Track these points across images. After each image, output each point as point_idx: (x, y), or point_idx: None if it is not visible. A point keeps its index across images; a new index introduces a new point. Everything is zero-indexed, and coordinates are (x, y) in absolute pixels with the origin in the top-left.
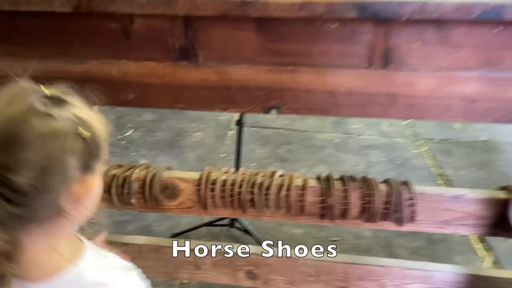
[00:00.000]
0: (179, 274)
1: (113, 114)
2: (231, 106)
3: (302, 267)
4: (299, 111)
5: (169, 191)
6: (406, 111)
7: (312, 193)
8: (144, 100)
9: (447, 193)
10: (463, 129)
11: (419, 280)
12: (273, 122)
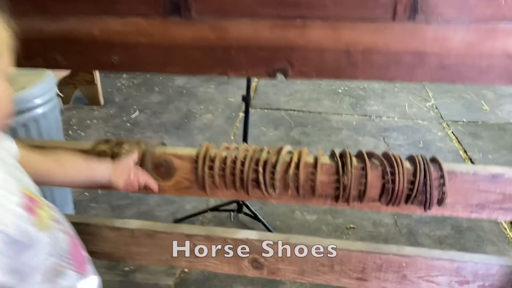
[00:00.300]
0: (177, 262)
1: (118, 96)
2: (230, 69)
3: (313, 255)
4: (309, 75)
5: (163, 170)
6: (436, 73)
7: (325, 172)
8: (130, 63)
9: (482, 172)
10: (492, 111)
11: (447, 272)
12: (286, 103)
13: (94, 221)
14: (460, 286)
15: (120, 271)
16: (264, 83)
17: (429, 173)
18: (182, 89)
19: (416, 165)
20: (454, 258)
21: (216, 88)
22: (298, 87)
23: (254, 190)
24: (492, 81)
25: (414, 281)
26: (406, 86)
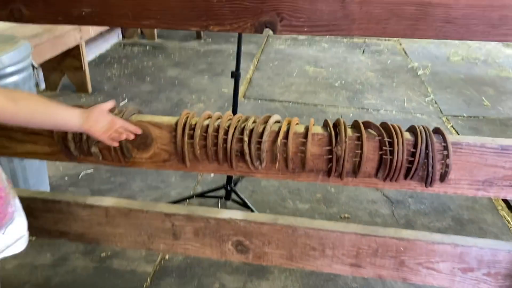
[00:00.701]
0: (155, 244)
1: (107, 85)
2: (212, 22)
3: (303, 238)
4: (301, 30)
5: (139, 140)
6: (441, 27)
7: (317, 142)
8: (101, 16)
9: (490, 144)
10: (493, 106)
11: (449, 258)
12: (281, 95)
13: (64, 198)
14: (463, 273)
15: (96, 256)
16: (258, 75)
17: (432, 144)
18: (174, 80)
19: (417, 136)
20: (457, 242)
21: (209, 78)
22: (293, 79)
23: (239, 163)
24: (505, 37)
25: (413, 268)
26: (405, 81)
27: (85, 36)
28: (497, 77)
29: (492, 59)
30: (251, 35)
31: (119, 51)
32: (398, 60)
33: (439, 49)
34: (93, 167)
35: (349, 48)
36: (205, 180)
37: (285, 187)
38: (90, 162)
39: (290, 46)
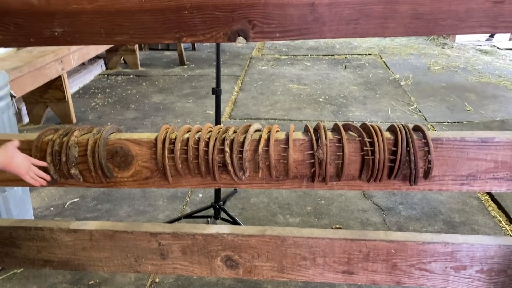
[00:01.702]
0: (142, 266)
1: (92, 115)
2: (184, 34)
3: (292, 248)
4: (273, 36)
5: (119, 158)
6: (410, 23)
7: (298, 148)
8: (74, 34)
9: (470, 137)
10: (476, 111)
11: (441, 257)
12: (266, 113)
13: (47, 224)
14: (456, 272)
15: (84, 285)
16: (243, 96)
17: (412, 141)
18: (159, 105)
19: (397, 134)
20: (448, 240)
21: (194, 102)
22: (278, 98)
23: (222, 175)
24: (473, 29)
25: (406, 270)
26: (388, 92)
27: (66, 67)
28: (477, 83)
29: (471, 67)
30: (234, 58)
31: (103, 82)
32: (380, 73)
33: (420, 60)
34: (79, 196)
35: (331, 64)
36: (193, 200)
37: (275, 203)
38: (71, 185)
39: (273, 67)
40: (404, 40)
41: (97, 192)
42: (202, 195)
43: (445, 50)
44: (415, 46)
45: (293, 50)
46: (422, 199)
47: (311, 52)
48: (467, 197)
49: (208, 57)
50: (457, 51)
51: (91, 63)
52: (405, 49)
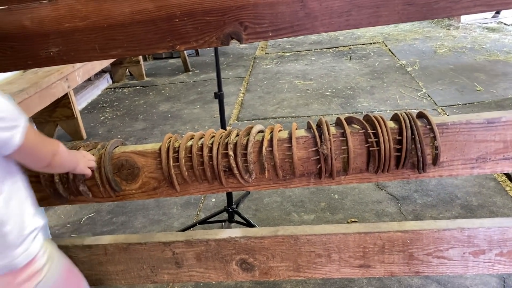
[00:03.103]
0: (159, 276)
1: (101, 129)
2: (178, 42)
3: (306, 246)
4: (265, 35)
5: (126, 171)
6: (403, 10)
7: (302, 146)
8: (70, 53)
9: (476, 120)
10: (487, 91)
11: (458, 244)
12: (274, 112)
13: (62, 242)
14: (475, 257)
15: None
16: (249, 96)
17: (417, 129)
18: (167, 114)
19: (401, 123)
20: (463, 226)
21: (201, 107)
22: (285, 95)
23: (229, 179)
24: (468, 10)
25: (423, 260)
26: (395, 79)
27: (72, 85)
28: (486, 61)
29: (479, 46)
30: (238, 59)
31: (110, 95)
32: (386, 60)
33: (425, 44)
34: (94, 211)
35: (335, 57)
36: (207, 206)
37: (288, 201)
38: (81, 202)
39: (277, 64)
40: (408, 25)
41: (111, 205)
42: (215, 200)
43: (450, 32)
44: (420, 30)
45: (297, 46)
46: (437, 185)
47: (314, 46)
48: (484, 179)
49: (212, 61)
50: (463, 31)
51: (97, 78)
52: (409, 34)
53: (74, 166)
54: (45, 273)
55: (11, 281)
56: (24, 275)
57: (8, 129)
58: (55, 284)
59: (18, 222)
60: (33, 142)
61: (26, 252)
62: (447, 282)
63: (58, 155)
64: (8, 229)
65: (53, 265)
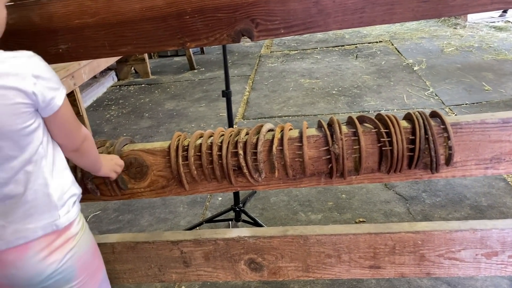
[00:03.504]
0: (166, 275)
1: (107, 127)
2: (188, 39)
3: (316, 246)
4: (277, 32)
5: (134, 169)
6: (418, 7)
7: (313, 145)
8: (79, 49)
9: (491, 119)
10: (495, 90)
11: (470, 245)
12: (279, 111)
13: None
14: (487, 259)
15: None
16: (255, 95)
17: (430, 128)
18: (173, 112)
19: (414, 122)
20: (476, 227)
21: (206, 106)
22: (290, 94)
23: (238, 178)
24: (484, 7)
25: (435, 261)
26: (402, 78)
27: (78, 82)
28: (494, 61)
29: (486, 45)
30: (243, 58)
31: (116, 93)
32: (392, 59)
33: (432, 43)
34: (100, 209)
35: (341, 55)
36: (213, 204)
37: (295, 200)
38: (89, 200)
39: (283, 63)
40: (415, 24)
41: (117, 203)
42: (222, 198)
43: (457, 31)
44: (426, 29)
45: (302, 44)
46: (445, 185)
47: (320, 45)
48: (493, 180)
49: (218, 59)
50: (470, 30)
51: (102, 76)
52: (416, 33)
53: (98, 167)
54: (77, 240)
55: (52, 242)
56: (63, 237)
57: (52, 89)
58: (83, 255)
59: (61, 185)
60: (69, 113)
61: (67, 215)
62: (457, 283)
63: (88, 141)
64: (52, 190)
65: (84, 236)
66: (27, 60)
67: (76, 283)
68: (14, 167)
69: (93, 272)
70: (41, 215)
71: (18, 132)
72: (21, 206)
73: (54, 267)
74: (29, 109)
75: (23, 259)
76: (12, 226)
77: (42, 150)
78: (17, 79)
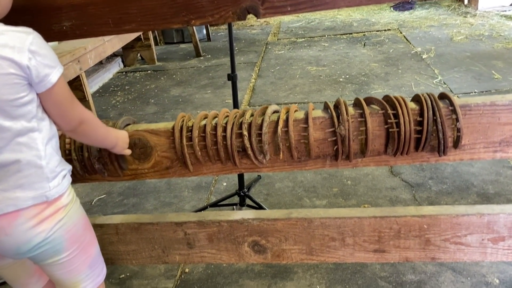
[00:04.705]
0: (170, 256)
1: (112, 112)
2: (193, 16)
3: (320, 229)
4: (284, 10)
5: (138, 150)
6: None
7: (319, 126)
8: (83, 27)
9: (501, 101)
10: (505, 78)
11: (477, 230)
12: (286, 98)
13: None
14: (494, 244)
15: (116, 279)
16: (261, 82)
17: (439, 110)
18: (178, 98)
19: (422, 104)
20: (483, 211)
21: (212, 92)
22: (297, 81)
23: (242, 160)
24: None
25: (440, 245)
26: (410, 66)
27: (84, 67)
28: (504, 49)
29: (497, 33)
30: (250, 45)
31: (122, 79)
32: (401, 47)
33: (441, 31)
34: (105, 193)
35: (349, 43)
36: (218, 189)
37: (300, 186)
38: (95, 181)
39: (290, 50)
40: (424, 12)
41: (122, 187)
42: (227, 184)
43: (467, 19)
44: (435, 17)
45: (310, 32)
46: (452, 172)
47: (328, 33)
48: (501, 168)
49: (224, 47)
50: (481, 19)
51: (108, 62)
52: (425, 22)
53: (112, 144)
54: (67, 212)
55: (41, 212)
56: (52, 207)
57: (48, 66)
58: (73, 227)
59: (53, 160)
60: (65, 94)
61: (57, 187)
62: (462, 269)
63: (86, 125)
64: (44, 163)
65: (74, 207)
66: (26, 35)
67: (66, 255)
68: (6, 137)
69: (84, 247)
70: (31, 185)
71: (10, 103)
72: (12, 175)
73: (43, 236)
74: (22, 81)
75: (13, 226)
76: (3, 194)
77: (36, 124)
78: (13, 51)
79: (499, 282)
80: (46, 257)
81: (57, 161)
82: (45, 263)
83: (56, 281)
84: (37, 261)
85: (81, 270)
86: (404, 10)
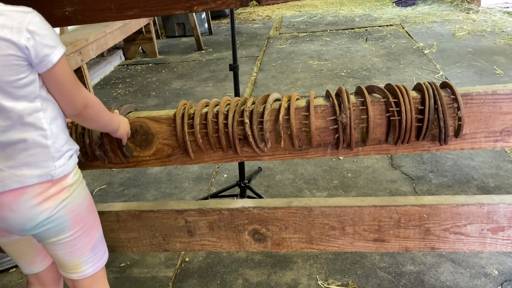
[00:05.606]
0: (171, 244)
1: (114, 104)
2: (195, 2)
3: (320, 218)
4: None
5: (140, 137)
6: None
7: (320, 115)
8: (85, 12)
9: (503, 90)
10: (506, 74)
11: (476, 220)
12: (287, 92)
13: None
14: (493, 234)
15: (116, 267)
16: (263, 76)
17: (440, 98)
18: (179, 91)
19: (423, 92)
20: (483, 201)
21: (213, 85)
22: (298, 75)
23: (244, 148)
24: None
25: (440, 235)
26: (412, 61)
27: (86, 58)
28: (506, 45)
29: (499, 29)
30: (251, 39)
31: (123, 72)
32: (403, 43)
33: (444, 27)
34: (106, 183)
35: (351, 38)
36: (218, 181)
37: (300, 178)
38: (95, 168)
39: (291, 45)
40: (426, 8)
41: (123, 178)
42: (227, 175)
43: (470, 15)
44: (438, 13)
45: (312, 27)
46: (453, 165)
47: (330, 27)
48: (502, 161)
49: (225, 40)
50: (483, 15)
51: (110, 54)
52: (427, 17)
53: (115, 128)
54: (72, 191)
55: (45, 190)
56: (57, 186)
57: (48, 46)
58: (77, 208)
59: (59, 139)
60: (67, 74)
61: (63, 167)
62: (461, 261)
63: (91, 109)
64: (50, 142)
65: (80, 188)
66: (24, 15)
67: (69, 235)
68: (11, 117)
69: (87, 229)
70: (37, 164)
71: (11, 84)
72: (19, 154)
73: (47, 214)
74: (21, 62)
75: (18, 202)
76: (10, 171)
77: (39, 104)
78: (11, 32)
79: (498, 273)
80: (50, 235)
81: (63, 140)
82: (48, 241)
83: (58, 262)
84: (41, 239)
85: (83, 252)
86: (406, 5)
